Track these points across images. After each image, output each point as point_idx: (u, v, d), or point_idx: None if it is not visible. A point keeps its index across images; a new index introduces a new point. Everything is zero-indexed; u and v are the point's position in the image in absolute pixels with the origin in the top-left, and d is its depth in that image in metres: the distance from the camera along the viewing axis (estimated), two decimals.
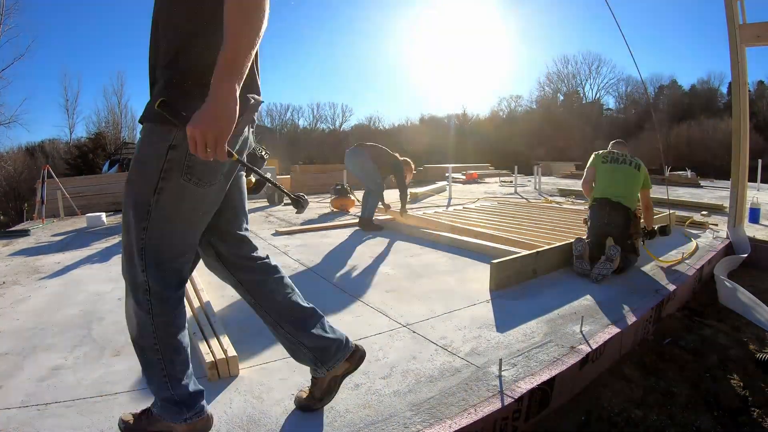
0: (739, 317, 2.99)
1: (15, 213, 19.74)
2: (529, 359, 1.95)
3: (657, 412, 1.90)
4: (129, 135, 31.30)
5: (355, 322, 2.40)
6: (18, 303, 2.77)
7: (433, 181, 13.85)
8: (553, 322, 2.39)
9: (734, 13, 4.30)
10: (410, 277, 3.26)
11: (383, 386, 1.73)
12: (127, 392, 1.69)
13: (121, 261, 1.26)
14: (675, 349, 2.49)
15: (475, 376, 1.80)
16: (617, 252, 3.11)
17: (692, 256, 3.80)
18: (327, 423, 1.49)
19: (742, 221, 4.71)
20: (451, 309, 2.59)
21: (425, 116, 44.00)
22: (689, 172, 15.00)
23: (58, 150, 30.71)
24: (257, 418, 1.52)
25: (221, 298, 2.74)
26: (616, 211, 3.38)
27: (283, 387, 1.73)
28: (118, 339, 2.19)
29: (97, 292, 2.96)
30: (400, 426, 1.48)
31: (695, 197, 8.42)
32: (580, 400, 1.96)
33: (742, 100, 4.45)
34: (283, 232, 5.12)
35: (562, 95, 41.41)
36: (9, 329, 2.33)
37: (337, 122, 46.25)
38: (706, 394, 2.05)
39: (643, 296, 2.80)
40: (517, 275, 3.06)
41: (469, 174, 15.50)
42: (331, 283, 3.11)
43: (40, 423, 1.49)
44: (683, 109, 33.51)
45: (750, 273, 3.95)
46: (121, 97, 31.94)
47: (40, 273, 3.52)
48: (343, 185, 7.19)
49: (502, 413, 1.60)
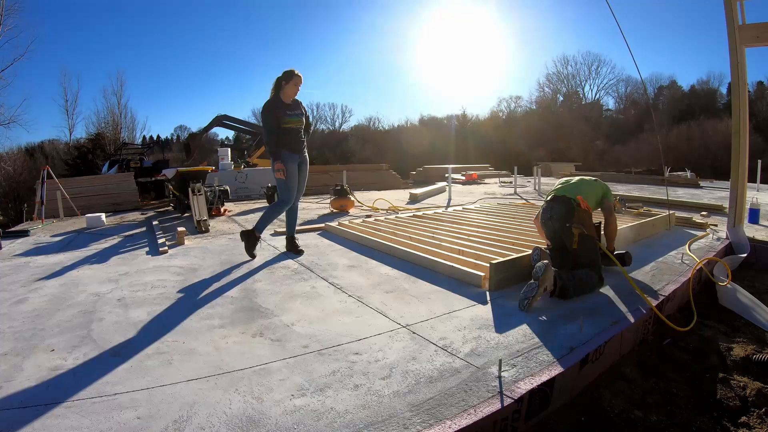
0: (739, 317, 2.99)
1: (15, 213, 19.73)
2: (529, 360, 1.95)
3: (657, 412, 1.90)
4: (128, 135, 31.30)
5: (355, 323, 2.40)
6: (18, 303, 2.77)
7: (433, 181, 13.86)
8: (552, 322, 2.39)
9: (734, 14, 4.31)
10: (410, 277, 3.26)
11: (383, 387, 1.73)
12: (127, 393, 1.69)
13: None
14: (675, 350, 2.49)
15: (475, 377, 1.80)
16: (542, 270, 2.58)
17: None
18: (327, 423, 1.49)
19: (742, 222, 4.71)
20: (451, 309, 2.59)
21: (425, 117, 44.00)
22: (689, 173, 15.03)
23: (58, 150, 30.70)
24: (257, 419, 1.52)
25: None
26: (558, 202, 3.11)
27: (283, 387, 1.73)
28: (118, 339, 2.19)
29: (96, 293, 2.96)
30: (400, 426, 1.48)
31: (695, 198, 8.43)
32: (579, 400, 1.96)
33: (742, 100, 4.46)
34: (282, 232, 5.11)
35: (561, 96, 41.44)
36: (9, 329, 2.33)
37: (336, 123, 46.28)
38: (706, 395, 2.05)
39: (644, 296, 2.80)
40: (515, 276, 3.06)
41: (469, 175, 15.50)
42: (330, 284, 3.11)
43: (40, 423, 1.49)
44: (683, 109, 33.54)
45: (750, 273, 3.96)
46: (121, 97, 31.90)
47: (39, 273, 3.52)
48: (342, 186, 7.20)
49: (501, 414, 1.60)
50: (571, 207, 3.04)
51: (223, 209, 7.14)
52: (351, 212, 6.93)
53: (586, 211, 3.06)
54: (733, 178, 4.63)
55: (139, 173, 10.92)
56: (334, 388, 1.72)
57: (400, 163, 26.37)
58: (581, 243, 2.95)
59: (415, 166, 21.55)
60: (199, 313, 2.56)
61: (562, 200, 3.11)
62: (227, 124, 15.82)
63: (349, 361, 1.95)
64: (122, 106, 31.96)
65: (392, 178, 14.60)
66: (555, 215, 3.08)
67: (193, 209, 5.78)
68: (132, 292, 2.98)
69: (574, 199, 3.07)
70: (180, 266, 3.66)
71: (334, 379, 1.79)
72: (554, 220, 3.08)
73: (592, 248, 2.97)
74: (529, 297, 2.53)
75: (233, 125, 16.19)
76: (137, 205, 8.89)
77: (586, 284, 2.82)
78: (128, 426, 1.47)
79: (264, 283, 3.15)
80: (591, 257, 2.94)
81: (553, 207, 3.12)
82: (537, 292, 2.53)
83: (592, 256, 2.95)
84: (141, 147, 17.64)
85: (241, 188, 10.29)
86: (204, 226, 5.39)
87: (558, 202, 3.12)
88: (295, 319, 2.46)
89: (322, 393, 1.68)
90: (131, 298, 2.85)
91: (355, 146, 39.23)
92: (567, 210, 3.03)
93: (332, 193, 7.12)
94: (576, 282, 2.75)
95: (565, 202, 3.08)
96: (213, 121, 15.08)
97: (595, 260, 2.94)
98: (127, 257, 4.09)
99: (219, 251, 4.23)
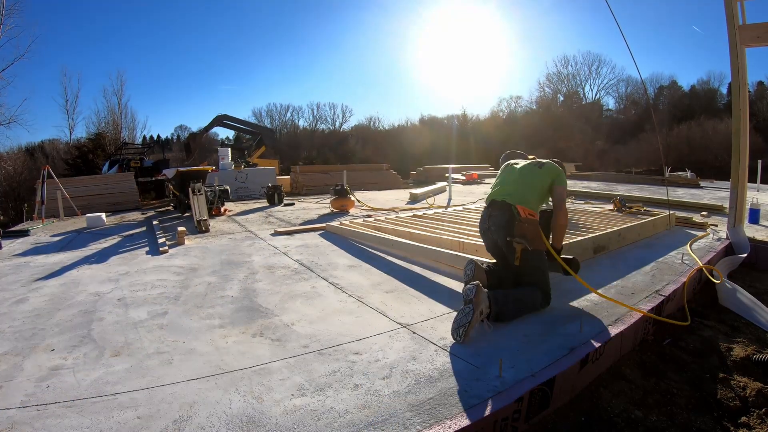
0: (739, 317, 2.99)
1: (15, 213, 19.72)
2: (529, 360, 1.95)
3: (657, 412, 1.90)
4: (129, 135, 31.25)
5: (355, 323, 2.40)
6: (18, 303, 2.77)
7: (433, 181, 13.86)
8: (552, 322, 2.39)
9: (734, 14, 4.31)
10: (411, 277, 3.26)
11: (383, 387, 1.73)
12: (127, 393, 1.69)
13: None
14: (675, 350, 2.49)
15: (475, 377, 1.80)
16: (473, 292, 2.20)
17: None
18: (327, 423, 1.49)
19: (742, 222, 4.71)
20: (452, 309, 2.58)
21: (425, 117, 43.98)
22: (689, 173, 15.02)
23: (58, 150, 30.66)
24: (257, 418, 1.52)
25: None
26: (498, 209, 2.64)
27: (283, 387, 1.73)
28: (118, 339, 2.20)
29: (96, 292, 2.96)
30: (400, 426, 1.48)
31: (695, 198, 8.42)
32: (580, 400, 1.96)
33: (742, 100, 4.46)
34: (282, 232, 5.12)
35: (562, 96, 41.41)
36: (9, 329, 2.34)
37: (337, 123, 46.24)
38: (707, 395, 2.05)
39: (643, 297, 2.80)
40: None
41: (469, 174, 15.50)
42: (331, 283, 3.11)
43: (40, 423, 1.49)
44: (683, 109, 33.51)
45: (750, 273, 3.95)
46: (121, 97, 31.85)
47: (39, 273, 3.52)
48: (343, 186, 7.20)
49: (502, 414, 1.60)
50: (511, 215, 2.56)
51: (223, 209, 7.14)
52: (351, 212, 6.93)
53: (529, 220, 2.55)
54: (733, 178, 4.63)
55: (139, 173, 10.93)
56: (334, 388, 1.72)
57: (401, 163, 26.39)
58: (525, 259, 2.54)
59: (415, 165, 21.57)
60: (199, 313, 2.56)
61: (501, 207, 2.63)
62: (227, 124, 15.85)
63: (349, 361, 1.95)
64: (122, 106, 31.92)
65: (392, 178, 14.60)
66: (493, 226, 2.65)
67: (193, 209, 5.78)
68: (132, 291, 2.98)
69: (513, 207, 2.58)
70: (180, 266, 3.66)
71: (334, 379, 1.79)
72: (493, 232, 2.66)
73: (537, 264, 2.56)
74: (464, 324, 2.12)
75: (233, 125, 16.22)
76: (137, 204, 8.89)
77: (525, 304, 2.47)
78: (128, 425, 1.48)
79: (264, 283, 3.15)
80: (536, 276, 2.55)
81: (491, 215, 2.68)
82: (473, 317, 2.14)
83: (538, 275, 2.55)
84: (141, 147, 17.66)
85: (242, 188, 10.30)
86: (204, 225, 5.39)
87: (497, 209, 2.65)
88: (295, 318, 2.46)
89: (322, 393, 1.68)
90: (131, 297, 2.86)
91: (355, 146, 39.23)
92: (507, 219, 2.57)
93: (333, 193, 7.13)
94: (513, 303, 2.41)
95: (504, 210, 2.60)
96: (213, 121, 15.09)
97: (541, 278, 2.55)
98: (128, 257, 4.09)
99: (219, 251, 4.23)
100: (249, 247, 4.39)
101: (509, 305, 2.37)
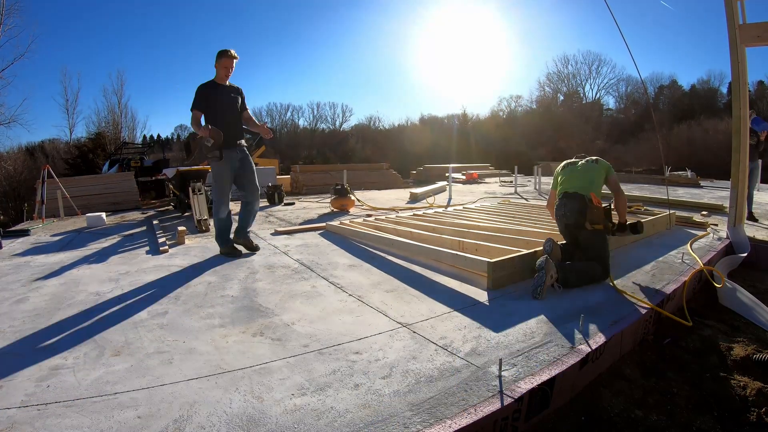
0: (739, 317, 2.99)
1: (15, 213, 19.72)
2: (529, 359, 1.95)
3: (657, 412, 1.90)
4: (129, 135, 31.30)
5: (355, 322, 2.40)
6: (18, 302, 2.77)
7: (433, 181, 13.86)
8: (553, 322, 2.39)
9: (734, 13, 4.30)
10: (411, 277, 3.26)
11: (383, 386, 1.73)
12: (127, 392, 1.69)
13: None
14: (675, 349, 2.49)
15: (475, 376, 1.80)
16: (544, 261, 2.80)
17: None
18: (327, 422, 1.49)
19: (742, 221, 4.70)
20: (452, 309, 2.59)
21: (425, 116, 44.01)
22: (689, 173, 15.02)
23: (58, 150, 30.68)
24: (257, 418, 1.52)
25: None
26: (571, 199, 3.25)
27: (284, 386, 1.73)
28: (118, 338, 2.20)
29: (96, 292, 2.96)
30: (400, 426, 1.48)
31: (695, 197, 8.42)
32: (580, 400, 1.96)
33: (742, 100, 4.45)
34: (282, 231, 5.12)
35: (562, 95, 41.42)
36: (9, 328, 2.33)
37: (337, 122, 46.27)
38: (707, 395, 2.05)
39: (644, 296, 2.80)
40: (515, 274, 3.06)
41: (469, 174, 15.51)
42: (331, 283, 3.11)
43: (40, 423, 1.49)
44: (683, 109, 33.52)
45: (750, 273, 3.95)
46: (121, 97, 31.89)
47: (40, 273, 3.52)
48: (343, 185, 7.20)
49: (502, 413, 1.60)
50: (584, 204, 3.16)
51: None
52: (351, 211, 6.93)
53: (598, 207, 3.18)
54: (733, 178, 4.62)
55: (139, 173, 10.94)
56: (335, 388, 1.72)
57: (401, 163, 26.40)
58: (592, 238, 3.13)
59: (415, 165, 21.56)
60: (199, 313, 2.56)
61: (575, 197, 3.23)
62: None
63: (349, 361, 1.95)
64: (122, 106, 31.97)
65: (393, 178, 14.60)
66: (569, 212, 3.23)
67: (193, 209, 5.78)
68: (132, 291, 2.98)
69: (587, 196, 3.18)
70: (180, 265, 3.66)
71: (335, 379, 1.79)
72: (568, 217, 3.24)
73: (601, 243, 3.14)
74: (540, 284, 2.74)
75: None
76: (138, 204, 8.89)
77: (587, 274, 3.00)
78: (128, 425, 1.48)
79: (264, 282, 3.15)
80: (599, 251, 3.11)
81: (566, 204, 3.26)
82: (545, 279, 2.74)
83: (601, 251, 3.11)
84: (141, 146, 17.66)
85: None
86: (204, 225, 5.39)
87: (571, 199, 3.25)
88: (295, 318, 2.46)
89: (322, 392, 1.68)
90: (131, 297, 2.86)
91: (355, 146, 39.24)
92: (580, 207, 3.17)
93: (333, 192, 7.13)
94: (577, 273, 2.96)
95: (578, 200, 3.20)
96: None
97: (603, 254, 3.10)
98: (128, 256, 4.09)
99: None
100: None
101: (573, 274, 2.94)
